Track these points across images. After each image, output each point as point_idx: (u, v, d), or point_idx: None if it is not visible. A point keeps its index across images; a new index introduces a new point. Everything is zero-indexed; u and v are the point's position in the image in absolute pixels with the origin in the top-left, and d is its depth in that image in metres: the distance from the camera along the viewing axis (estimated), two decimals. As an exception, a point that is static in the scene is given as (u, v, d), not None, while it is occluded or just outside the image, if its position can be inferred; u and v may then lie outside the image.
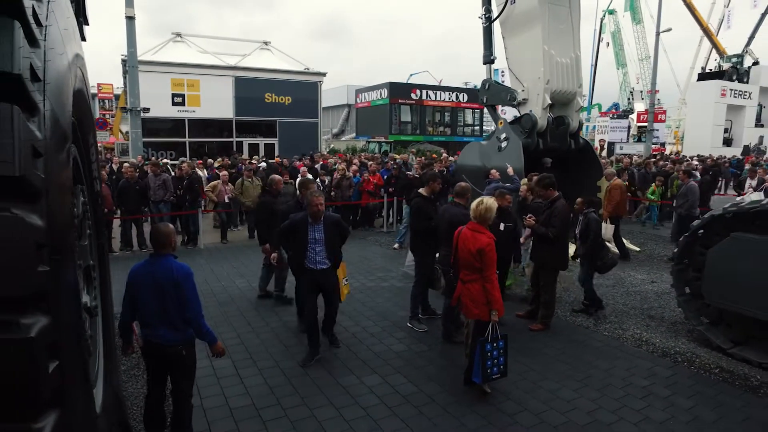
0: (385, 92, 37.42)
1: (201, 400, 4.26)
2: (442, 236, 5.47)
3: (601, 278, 8.17)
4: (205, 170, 12.90)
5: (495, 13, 10.60)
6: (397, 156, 19.87)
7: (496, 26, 10.77)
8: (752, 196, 5.99)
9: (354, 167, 13.09)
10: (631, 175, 13.68)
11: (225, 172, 11.02)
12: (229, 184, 10.91)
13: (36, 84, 1.60)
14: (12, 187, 1.42)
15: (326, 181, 11.84)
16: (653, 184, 12.95)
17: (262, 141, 24.08)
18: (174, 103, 22.16)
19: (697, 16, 45.79)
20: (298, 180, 9.43)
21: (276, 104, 23.78)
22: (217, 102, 22.57)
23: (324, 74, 24.85)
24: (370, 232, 12.23)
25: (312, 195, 5.03)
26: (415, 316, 6.08)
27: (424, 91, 38.52)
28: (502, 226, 5.90)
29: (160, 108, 20.88)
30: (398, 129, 37.50)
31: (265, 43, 25.99)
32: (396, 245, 10.22)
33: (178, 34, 24.46)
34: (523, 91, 10.29)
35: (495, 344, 4.36)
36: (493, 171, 8.98)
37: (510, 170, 8.93)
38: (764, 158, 27.65)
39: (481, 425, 4.00)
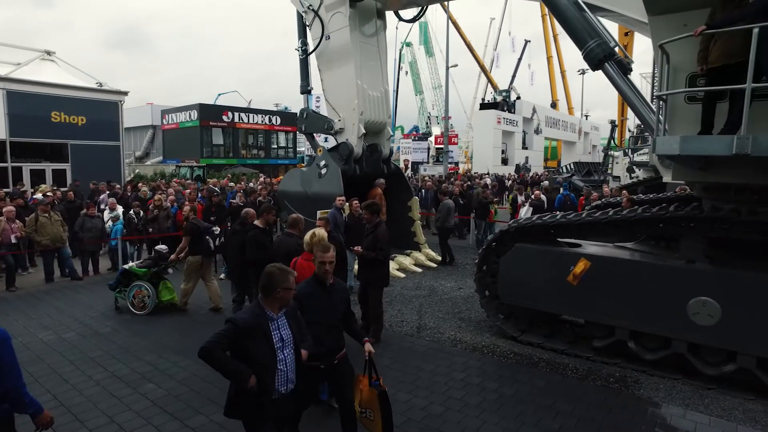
0: (194, 114, 35.72)
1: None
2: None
3: (417, 290, 9.26)
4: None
5: (311, 47, 11.23)
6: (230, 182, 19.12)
7: (312, 59, 11.41)
8: (527, 214, 7.54)
9: (171, 197, 12.31)
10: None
11: (11, 208, 9.37)
12: (17, 221, 9.35)
13: None
14: None
15: (140, 213, 10.96)
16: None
17: (48, 166, 20.78)
18: None
19: (475, 55, 54.11)
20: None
21: (66, 125, 20.75)
22: (-19, 120, 18.77)
23: (126, 93, 22.63)
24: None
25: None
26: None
27: (236, 114, 37.80)
28: None
29: None
30: (210, 152, 36.07)
31: (48, 52, 22.62)
32: (222, 275, 9.89)
33: None
34: (339, 120, 11.07)
35: (339, 362, 4.73)
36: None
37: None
38: (530, 174, 33.82)
39: (333, 439, 4.33)
